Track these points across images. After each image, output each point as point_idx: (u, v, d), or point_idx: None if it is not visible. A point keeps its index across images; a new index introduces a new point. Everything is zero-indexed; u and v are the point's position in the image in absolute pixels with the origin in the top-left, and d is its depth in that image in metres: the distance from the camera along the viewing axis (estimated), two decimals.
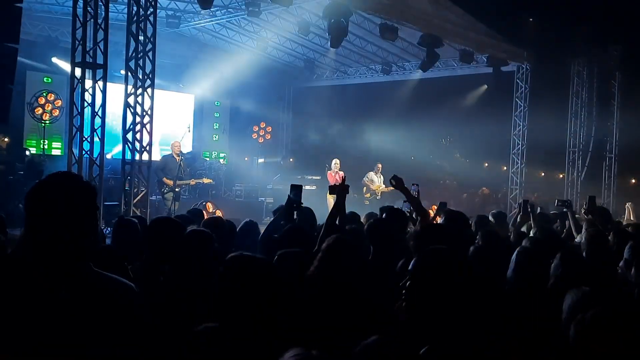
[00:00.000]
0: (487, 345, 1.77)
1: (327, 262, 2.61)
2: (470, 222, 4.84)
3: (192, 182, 11.40)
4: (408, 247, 3.27)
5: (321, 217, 4.55)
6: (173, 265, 2.89)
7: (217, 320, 1.97)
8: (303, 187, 4.31)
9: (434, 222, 4.93)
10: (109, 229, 9.65)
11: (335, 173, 13.07)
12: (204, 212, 8.58)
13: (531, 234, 4.65)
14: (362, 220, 5.35)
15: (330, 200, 12.37)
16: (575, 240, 5.00)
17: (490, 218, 5.85)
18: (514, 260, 3.01)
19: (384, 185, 14.00)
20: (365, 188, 14.04)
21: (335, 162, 13.21)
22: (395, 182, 4.32)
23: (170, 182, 10.21)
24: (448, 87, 16.46)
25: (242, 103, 16.49)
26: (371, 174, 14.17)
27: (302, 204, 4.16)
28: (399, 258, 3.16)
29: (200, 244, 2.91)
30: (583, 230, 4.75)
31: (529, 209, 5.39)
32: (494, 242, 4.08)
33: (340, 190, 3.83)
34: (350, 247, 2.71)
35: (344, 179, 4.35)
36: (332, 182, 13.11)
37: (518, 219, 5.46)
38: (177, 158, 10.46)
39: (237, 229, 4.52)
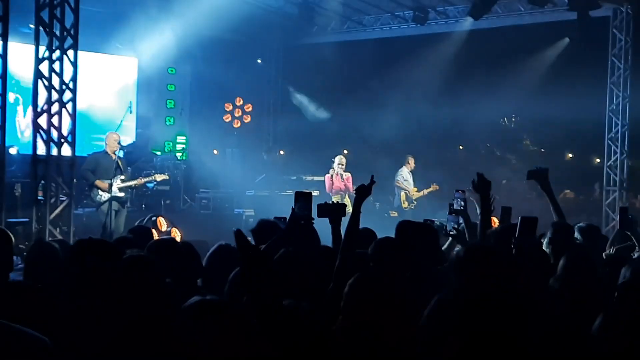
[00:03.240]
0: None
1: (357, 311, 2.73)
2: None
3: (140, 180, 11.42)
4: (440, 279, 3.33)
5: (327, 237, 4.57)
6: (102, 311, 2.91)
7: None
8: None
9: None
10: (17, 258, 9.73)
11: (336, 177, 13.05)
12: (153, 231, 8.62)
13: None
14: None
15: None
16: None
17: (577, 235, 5.85)
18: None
19: (415, 188, 14.04)
20: (404, 195, 13.97)
21: (340, 162, 13.19)
22: (480, 183, 4.57)
23: (105, 185, 10.21)
24: (511, 43, 16.43)
25: (208, 70, 16.51)
26: (405, 172, 14.19)
27: (313, 220, 4.19)
28: (428, 293, 3.21)
29: (139, 277, 2.92)
30: None
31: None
32: (583, 270, 4.10)
33: (335, 211, 3.88)
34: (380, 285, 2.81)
35: (363, 186, 4.29)
36: (330, 190, 13.15)
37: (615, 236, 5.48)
38: (113, 156, 10.48)
39: (206, 257, 4.51)
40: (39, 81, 8.70)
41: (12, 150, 12.98)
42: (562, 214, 5.42)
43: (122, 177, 10.58)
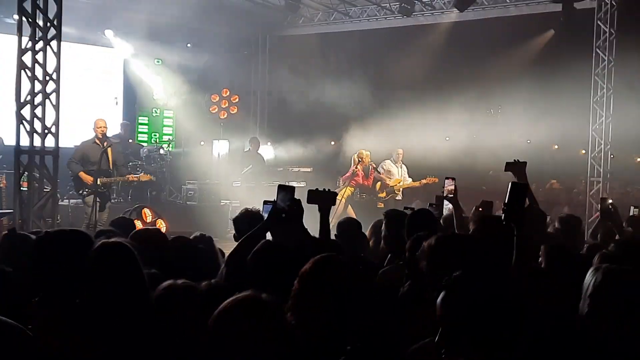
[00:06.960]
0: None
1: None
2: None
3: (131, 177, 11.41)
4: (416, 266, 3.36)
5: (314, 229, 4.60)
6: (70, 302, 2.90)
7: None
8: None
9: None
10: None
11: (359, 168, 13.06)
12: (138, 221, 8.60)
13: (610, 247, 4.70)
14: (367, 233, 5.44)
15: (342, 206, 12.44)
16: None
17: (557, 225, 5.89)
18: (590, 285, 3.07)
19: (409, 179, 14.08)
20: (379, 184, 14.07)
21: (363, 152, 13.25)
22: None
23: (90, 179, 10.17)
24: (497, 35, 16.47)
25: (195, 61, 16.48)
26: (388, 163, 14.24)
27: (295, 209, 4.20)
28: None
29: (111, 265, 2.91)
30: None
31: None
32: (561, 261, 4.14)
33: (326, 198, 3.87)
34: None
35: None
36: (347, 181, 13.21)
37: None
38: (101, 145, 10.41)
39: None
40: (22, 72, 8.64)
41: None
42: (536, 201, 5.56)
43: (108, 169, 10.54)
